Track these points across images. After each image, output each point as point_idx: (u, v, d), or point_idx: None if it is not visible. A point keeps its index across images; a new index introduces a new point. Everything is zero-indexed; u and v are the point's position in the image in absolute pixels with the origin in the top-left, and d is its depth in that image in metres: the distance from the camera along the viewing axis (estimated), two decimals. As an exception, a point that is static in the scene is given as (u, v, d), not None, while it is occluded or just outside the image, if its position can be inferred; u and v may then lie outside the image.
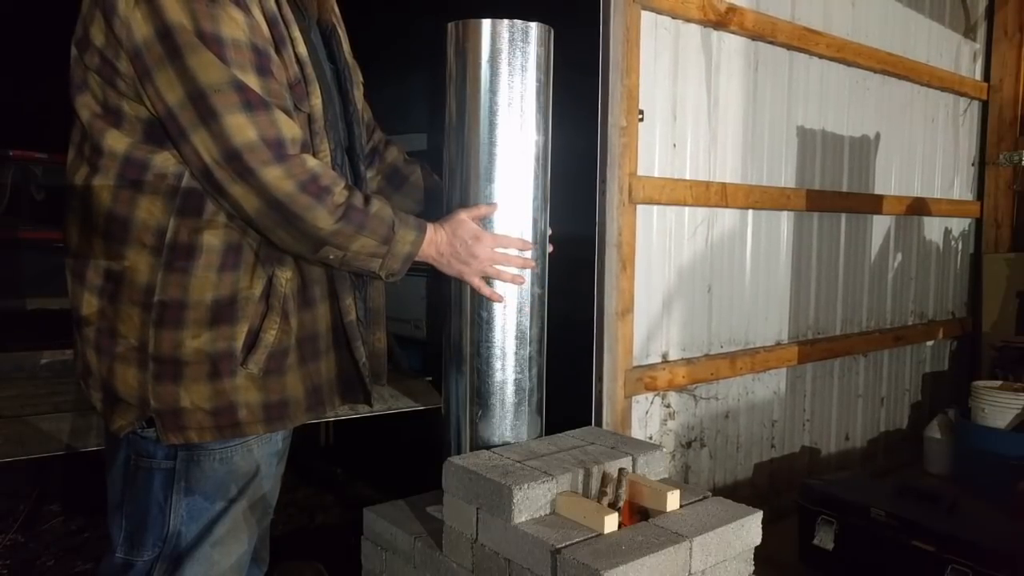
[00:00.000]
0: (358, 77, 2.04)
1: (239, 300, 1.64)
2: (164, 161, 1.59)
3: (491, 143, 1.91)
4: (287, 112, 1.63)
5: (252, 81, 1.56)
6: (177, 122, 1.55)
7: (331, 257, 1.66)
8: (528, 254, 1.93)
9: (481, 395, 2.00)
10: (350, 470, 4.49)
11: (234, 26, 1.54)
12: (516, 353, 1.99)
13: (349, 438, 4.69)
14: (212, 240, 1.62)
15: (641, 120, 3.06)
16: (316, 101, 1.72)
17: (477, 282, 1.87)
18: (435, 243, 1.79)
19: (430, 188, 2.18)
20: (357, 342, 1.82)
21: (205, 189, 1.60)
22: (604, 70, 2.94)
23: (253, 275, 1.66)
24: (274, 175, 1.56)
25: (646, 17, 3.05)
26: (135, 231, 1.60)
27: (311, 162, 1.62)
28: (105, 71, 1.57)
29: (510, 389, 2.01)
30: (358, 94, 1.99)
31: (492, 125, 1.91)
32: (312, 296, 1.75)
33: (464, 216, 1.85)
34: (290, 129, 1.60)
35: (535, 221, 1.98)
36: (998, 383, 4.14)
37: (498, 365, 1.99)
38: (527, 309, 1.99)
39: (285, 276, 1.69)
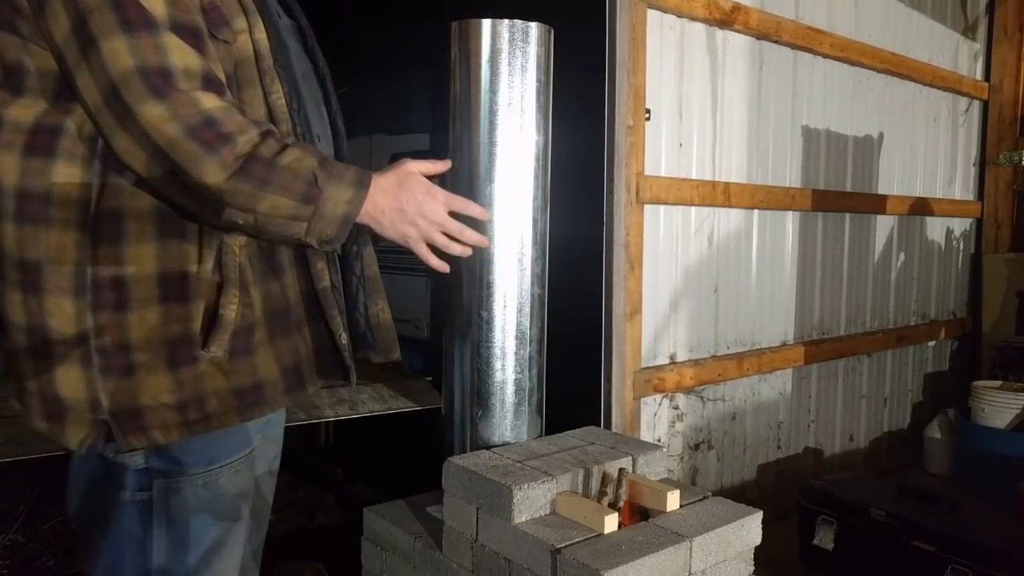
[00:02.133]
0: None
1: (189, 274, 1.39)
2: (80, 121, 1.34)
3: (491, 143, 1.91)
4: (193, 32, 1.34)
5: None
6: (65, 63, 1.30)
7: (240, 222, 1.37)
8: (481, 227, 1.73)
9: (481, 395, 2.00)
10: (350, 470, 4.49)
11: None
12: (516, 353, 1.99)
13: (349, 438, 4.69)
14: (142, 203, 1.36)
15: (648, 119, 3.06)
16: (260, 34, 1.48)
17: (423, 249, 1.60)
18: (376, 199, 1.49)
19: None
20: (333, 311, 1.56)
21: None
22: (611, 69, 2.93)
23: (201, 243, 1.40)
24: (153, 114, 1.28)
25: (652, 16, 3.05)
26: (54, 207, 1.34)
27: (209, 102, 1.32)
28: (4, 13, 1.33)
29: (510, 389, 2.00)
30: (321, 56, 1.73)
31: (492, 125, 1.91)
32: (278, 262, 1.51)
33: (414, 167, 1.60)
34: (183, 56, 1.31)
35: (535, 221, 1.98)
36: (998, 383, 4.14)
37: (498, 365, 1.99)
38: (527, 309, 1.99)
39: (237, 242, 1.44)
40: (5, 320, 1.40)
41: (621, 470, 1.82)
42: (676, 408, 3.31)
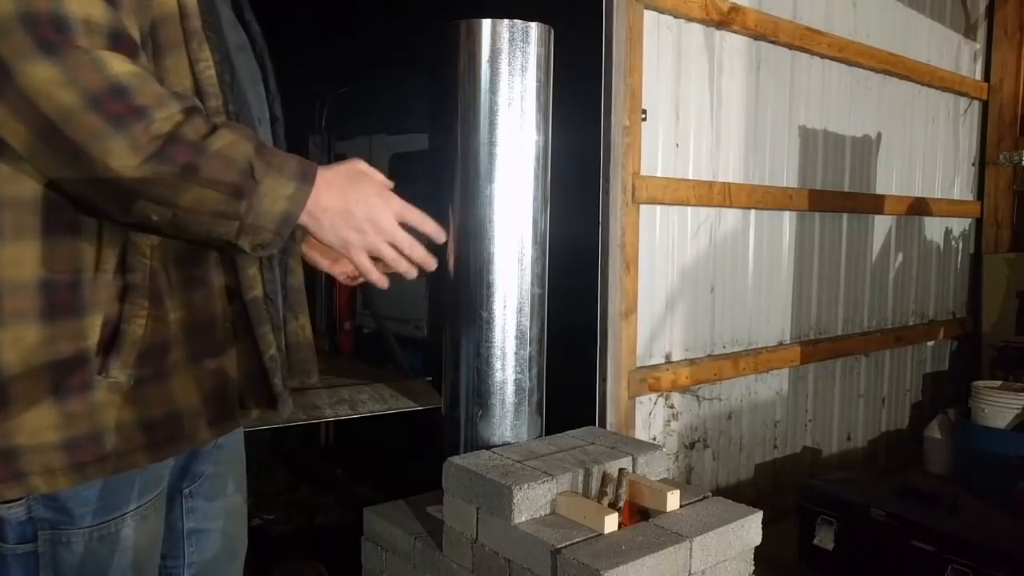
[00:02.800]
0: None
1: (83, 280, 1.13)
2: None
3: (491, 143, 1.92)
4: None
5: None
6: None
7: (154, 218, 1.10)
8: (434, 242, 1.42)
9: (481, 395, 2.00)
10: (350, 470, 4.49)
11: None
12: (516, 353, 2.00)
13: (349, 438, 4.69)
14: (20, 190, 1.09)
15: (644, 120, 3.06)
16: None
17: (363, 260, 1.28)
18: (320, 196, 1.20)
19: None
20: (264, 328, 1.30)
21: None
22: (607, 70, 2.93)
23: (100, 240, 1.14)
24: (41, 76, 1.00)
25: (649, 16, 3.05)
26: None
27: (118, 65, 1.05)
28: None
29: (510, 389, 2.01)
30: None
31: (492, 125, 1.91)
32: (203, 267, 1.25)
33: (365, 167, 1.31)
34: (83, 4, 1.03)
35: (535, 221, 1.98)
36: (998, 383, 4.14)
37: (498, 365, 1.99)
38: (527, 309, 2.00)
39: (148, 242, 1.17)
40: None
41: (621, 470, 1.82)
42: (671, 407, 3.31)
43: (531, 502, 1.76)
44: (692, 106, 3.30)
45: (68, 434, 1.13)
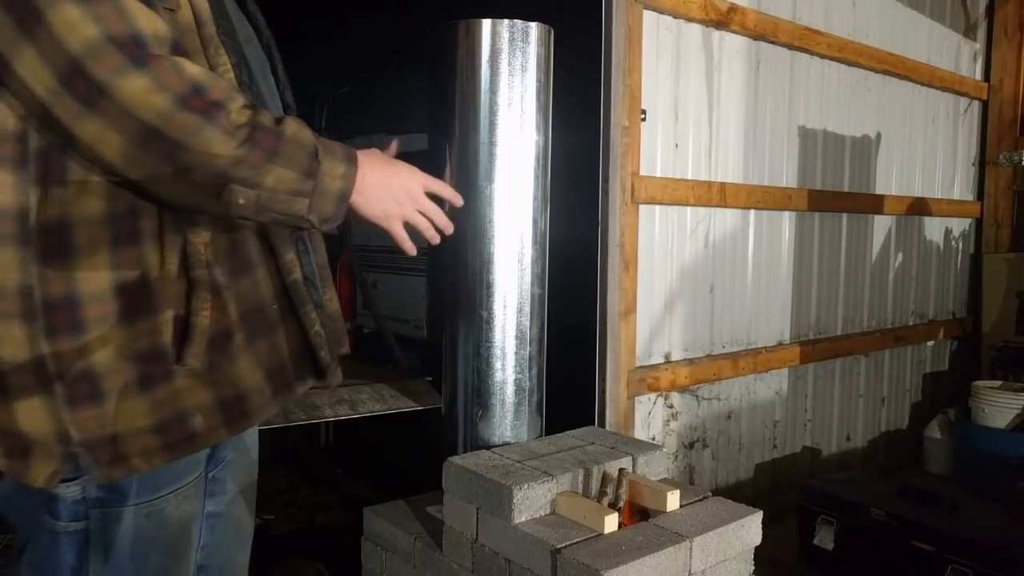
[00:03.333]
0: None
1: (152, 282, 1.25)
2: (1, 118, 1.15)
3: (491, 143, 1.92)
4: (148, 3, 1.19)
5: None
6: None
7: (241, 202, 1.22)
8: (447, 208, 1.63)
9: (481, 395, 2.00)
10: (350, 470, 4.49)
11: None
12: (516, 353, 2.00)
13: (349, 438, 4.69)
14: (90, 210, 1.20)
15: (643, 120, 3.06)
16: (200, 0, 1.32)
17: (400, 229, 1.46)
18: (365, 174, 1.36)
19: None
20: (307, 307, 1.44)
21: (58, 140, 1.17)
22: (606, 70, 2.93)
23: (162, 245, 1.25)
24: (136, 87, 1.11)
25: (648, 17, 3.05)
26: None
27: (191, 68, 1.18)
28: None
29: (510, 389, 2.01)
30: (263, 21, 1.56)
31: (492, 125, 1.91)
32: (247, 258, 1.37)
33: (421, 176, 1.52)
34: (150, 21, 1.16)
35: (535, 221, 1.98)
36: (998, 383, 4.14)
37: (498, 365, 1.99)
38: (527, 309, 2.00)
39: (202, 240, 1.29)
40: None
41: (621, 470, 1.82)
42: (671, 407, 3.31)
43: (531, 502, 1.76)
44: (691, 106, 3.30)
45: (158, 418, 1.27)
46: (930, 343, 4.87)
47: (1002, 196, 5.09)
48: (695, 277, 3.38)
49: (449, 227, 1.56)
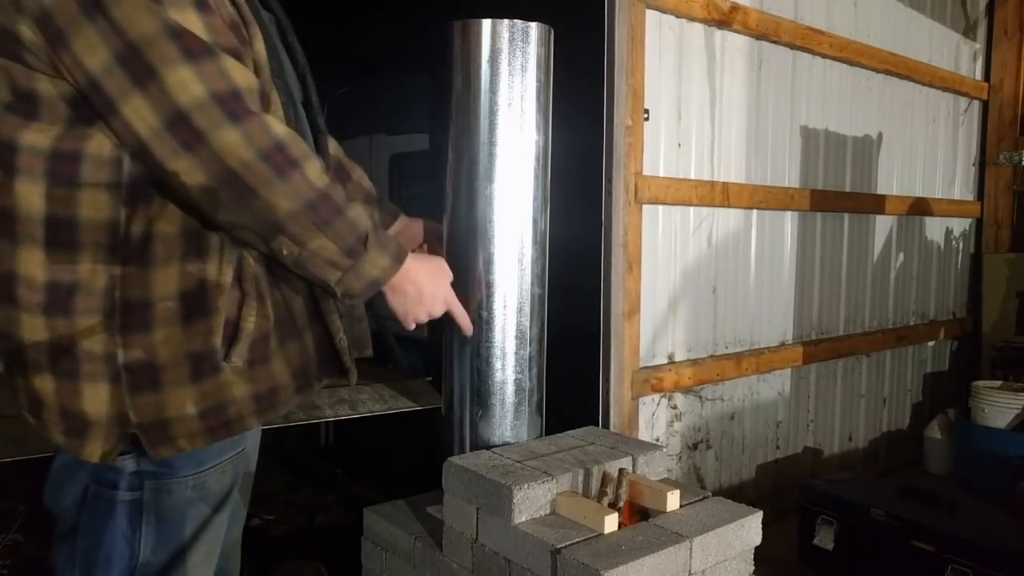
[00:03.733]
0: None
1: (209, 289, 1.45)
2: (98, 148, 1.36)
3: (491, 143, 1.91)
4: (237, 56, 1.38)
5: (191, 20, 1.32)
6: (103, 92, 1.31)
7: (285, 252, 1.43)
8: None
9: (481, 395, 2.00)
10: (350, 470, 4.50)
11: None
12: (516, 353, 1.99)
13: (349, 438, 4.69)
14: (168, 228, 1.41)
15: (646, 119, 3.06)
16: (259, 46, 1.49)
17: (411, 325, 1.75)
18: (405, 280, 1.62)
19: (368, 190, 2.00)
20: (333, 316, 1.64)
21: (145, 169, 1.37)
22: (609, 69, 2.93)
23: (221, 259, 1.46)
24: (230, 139, 1.32)
25: (651, 16, 3.05)
26: (84, 233, 1.38)
27: (277, 127, 1.38)
28: (6, 45, 1.33)
29: (510, 389, 2.01)
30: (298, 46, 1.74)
31: (492, 125, 1.91)
32: (284, 272, 1.55)
33: (441, 264, 1.81)
34: (243, 77, 1.37)
35: (535, 221, 1.98)
36: (998, 383, 4.14)
37: (498, 365, 1.99)
38: (527, 309, 1.99)
39: (253, 255, 1.50)
40: (18, 341, 1.42)
41: (621, 470, 1.82)
42: (674, 408, 3.31)
43: (531, 502, 1.76)
44: (694, 106, 3.30)
45: (203, 407, 1.47)
46: (931, 343, 4.87)
47: (1002, 196, 5.09)
48: (698, 277, 3.38)
49: (469, 328, 1.91)
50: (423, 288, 1.68)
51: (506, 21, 1.89)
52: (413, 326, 1.74)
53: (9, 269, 1.40)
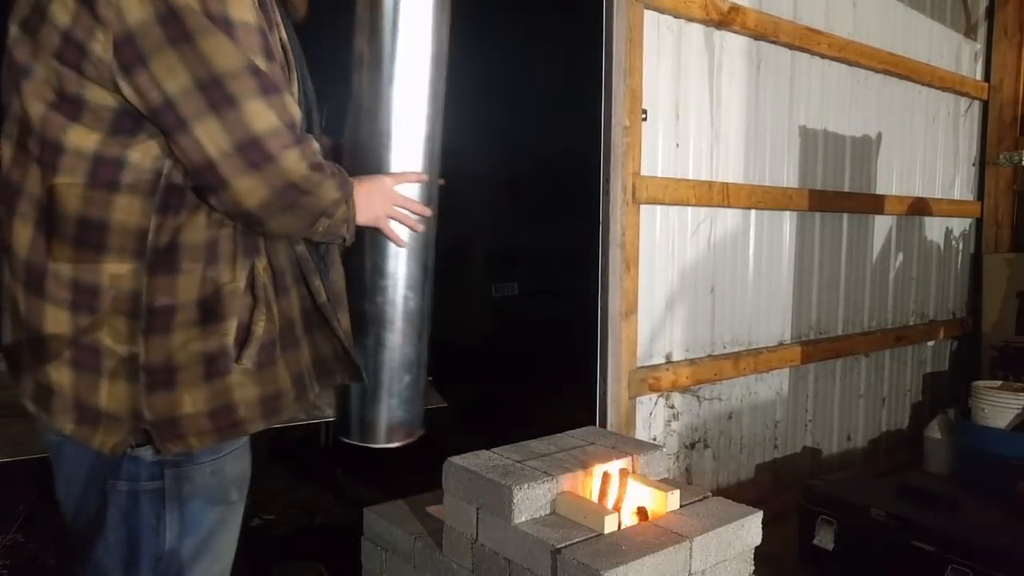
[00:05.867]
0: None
1: (224, 295, 1.54)
2: (141, 157, 1.46)
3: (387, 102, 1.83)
4: (291, 95, 1.57)
5: (263, 64, 1.48)
6: (176, 112, 1.43)
7: (320, 229, 1.62)
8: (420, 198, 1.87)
9: (370, 371, 1.88)
10: (350, 470, 4.49)
11: (241, 7, 1.45)
12: (404, 331, 1.89)
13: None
14: (194, 237, 1.52)
15: (644, 120, 3.06)
16: (295, 87, 1.65)
17: (388, 226, 1.83)
18: (358, 199, 1.72)
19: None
20: (335, 321, 1.74)
21: (196, 185, 1.49)
22: (607, 70, 2.94)
23: (235, 267, 1.57)
24: (293, 158, 1.50)
25: (649, 16, 3.05)
26: (114, 235, 1.47)
27: (315, 144, 1.58)
28: (69, 54, 1.41)
29: (397, 364, 1.90)
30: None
31: (389, 81, 1.83)
32: (285, 283, 1.66)
33: (390, 180, 1.84)
34: (297, 112, 1.55)
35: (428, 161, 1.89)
36: (998, 383, 4.14)
37: (387, 341, 1.89)
38: (413, 282, 1.89)
39: (262, 265, 1.61)
40: (39, 330, 1.49)
41: (621, 470, 1.83)
42: (672, 407, 3.32)
43: (531, 502, 1.76)
44: (692, 106, 3.31)
45: (213, 406, 1.54)
46: (930, 343, 4.87)
47: (1002, 196, 5.09)
48: (696, 277, 3.39)
49: (426, 211, 1.86)
50: (370, 193, 1.77)
51: None
52: (390, 226, 1.80)
53: (41, 262, 1.48)
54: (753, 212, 3.62)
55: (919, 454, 4.48)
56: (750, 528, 1.86)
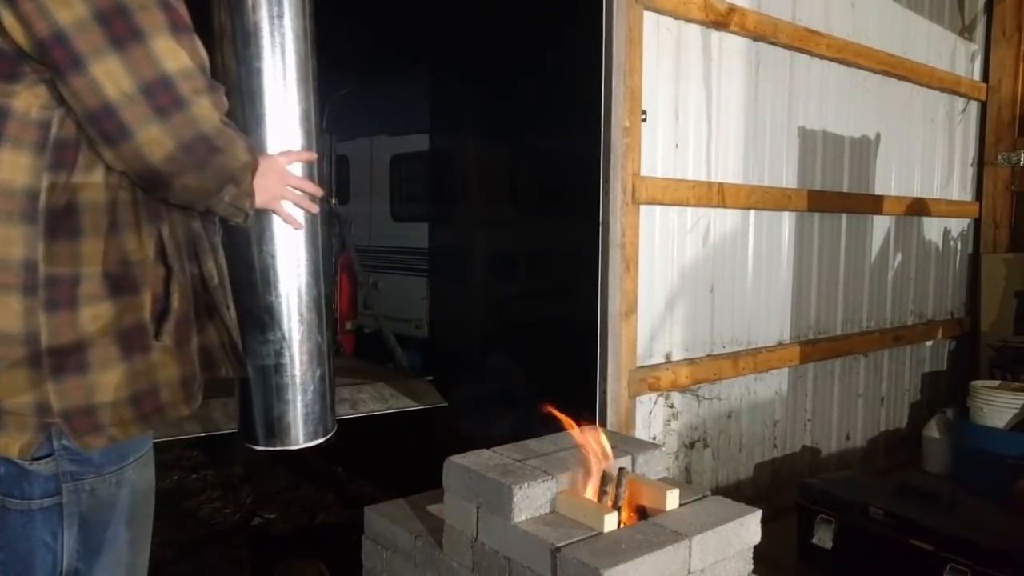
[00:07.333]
0: None
1: (133, 264, 1.36)
2: (26, 105, 1.26)
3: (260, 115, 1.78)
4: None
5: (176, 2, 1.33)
6: (69, 47, 1.22)
7: (225, 199, 1.44)
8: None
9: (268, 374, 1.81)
10: (351, 469, 4.50)
11: None
12: (310, 320, 1.81)
13: (349, 438, 4.70)
14: (93, 198, 1.32)
15: (644, 120, 3.07)
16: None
17: (282, 208, 1.70)
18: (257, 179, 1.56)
19: None
20: (224, 309, 1.55)
21: (89, 137, 1.29)
22: (607, 71, 2.94)
23: (140, 235, 1.37)
24: (206, 106, 1.32)
25: (648, 18, 3.06)
26: None
27: (223, 93, 1.43)
28: None
29: (298, 361, 1.82)
30: None
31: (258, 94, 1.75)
32: (187, 259, 1.48)
33: (282, 159, 1.71)
34: (205, 54, 1.41)
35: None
36: (996, 383, 4.15)
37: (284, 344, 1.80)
38: (308, 280, 1.80)
39: (167, 232, 1.42)
40: None
41: (621, 469, 1.83)
42: (671, 407, 3.33)
43: (531, 501, 1.77)
44: (691, 107, 3.31)
45: (134, 390, 1.36)
46: (929, 343, 4.88)
47: (1000, 196, 5.10)
48: (695, 277, 3.39)
49: (319, 191, 1.75)
50: (264, 173, 1.58)
51: None
52: (284, 208, 1.69)
53: None
54: (752, 212, 3.63)
55: (917, 453, 4.49)
56: (749, 527, 1.87)
